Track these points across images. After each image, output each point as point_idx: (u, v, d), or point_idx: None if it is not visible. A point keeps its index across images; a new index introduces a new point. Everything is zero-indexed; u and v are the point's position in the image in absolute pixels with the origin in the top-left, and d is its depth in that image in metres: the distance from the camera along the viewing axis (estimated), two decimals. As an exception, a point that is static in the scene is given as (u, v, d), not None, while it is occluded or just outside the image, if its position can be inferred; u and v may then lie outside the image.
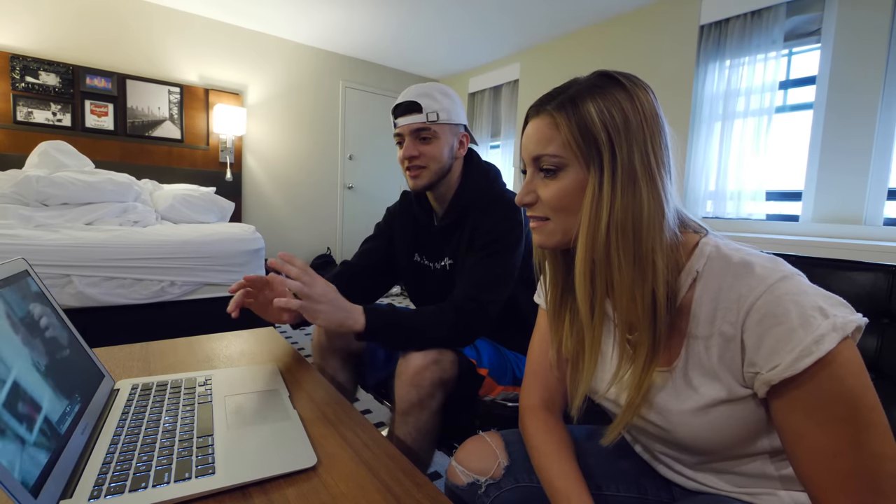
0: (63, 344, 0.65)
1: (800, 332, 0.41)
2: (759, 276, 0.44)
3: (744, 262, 0.46)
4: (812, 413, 0.41)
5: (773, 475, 0.51)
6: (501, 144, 4.33)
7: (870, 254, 1.90)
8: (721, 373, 0.48)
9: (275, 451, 0.59)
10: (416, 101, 0.96)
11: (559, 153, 0.52)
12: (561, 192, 0.53)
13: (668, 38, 2.99)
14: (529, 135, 0.56)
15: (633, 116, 0.49)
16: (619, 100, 0.49)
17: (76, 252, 1.90)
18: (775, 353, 0.42)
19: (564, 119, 0.51)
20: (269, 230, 4.03)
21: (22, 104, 2.98)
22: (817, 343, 0.40)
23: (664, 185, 0.49)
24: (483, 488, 0.63)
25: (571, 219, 0.53)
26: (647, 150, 0.49)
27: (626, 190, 0.48)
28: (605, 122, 0.49)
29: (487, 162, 1.11)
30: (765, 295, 0.43)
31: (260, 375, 0.83)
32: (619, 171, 0.49)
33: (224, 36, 3.72)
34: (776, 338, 0.42)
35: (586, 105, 0.50)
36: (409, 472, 0.58)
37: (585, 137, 0.50)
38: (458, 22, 3.53)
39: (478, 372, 0.95)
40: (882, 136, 2.20)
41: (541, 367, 0.68)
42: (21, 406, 0.49)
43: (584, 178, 0.51)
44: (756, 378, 0.44)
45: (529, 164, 0.56)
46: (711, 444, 0.51)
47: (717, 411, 0.49)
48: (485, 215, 0.99)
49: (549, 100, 0.54)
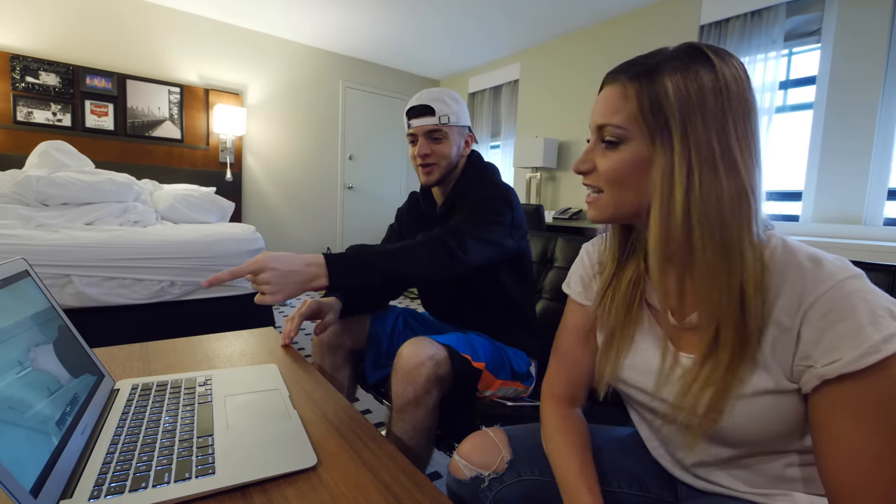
0: (63, 344, 0.65)
1: (868, 328, 0.40)
2: (828, 272, 0.44)
3: (812, 257, 0.46)
4: (860, 412, 0.41)
5: (793, 476, 0.51)
6: (501, 144, 4.33)
7: (870, 254, 1.90)
8: (771, 364, 0.47)
9: (275, 451, 0.59)
10: (429, 105, 1.06)
11: (624, 125, 0.50)
12: (618, 164, 0.51)
13: (668, 38, 2.99)
14: (600, 102, 0.53)
15: (713, 95, 0.46)
16: (700, 76, 0.46)
17: (76, 252, 1.90)
18: (836, 349, 0.42)
19: (636, 90, 0.49)
20: (269, 230, 4.03)
21: (22, 104, 2.98)
22: (886, 342, 0.40)
23: (751, 172, 0.46)
24: (486, 482, 0.63)
25: (626, 194, 0.52)
26: (729, 132, 0.46)
27: (705, 174, 0.46)
28: (681, 97, 0.46)
29: (488, 161, 1.18)
30: (832, 290, 0.42)
31: (260, 375, 0.83)
32: (693, 151, 0.46)
33: (224, 36, 3.73)
34: (840, 333, 0.41)
35: (663, 78, 0.47)
36: (409, 472, 0.58)
37: (655, 112, 0.47)
38: (458, 22, 3.53)
39: (473, 366, 0.95)
40: (882, 136, 2.20)
41: (568, 360, 0.68)
42: (21, 406, 0.49)
43: (646, 153, 0.49)
44: (807, 372, 0.44)
45: (594, 131, 0.54)
46: (747, 435, 0.50)
47: (761, 401, 0.48)
48: (477, 191, 1.07)
49: (627, 68, 0.51)
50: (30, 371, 0.53)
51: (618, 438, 0.70)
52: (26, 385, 0.51)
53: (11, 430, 0.45)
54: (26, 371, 0.52)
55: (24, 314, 0.58)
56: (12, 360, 0.51)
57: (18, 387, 0.50)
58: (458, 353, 0.94)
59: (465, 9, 3.28)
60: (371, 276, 0.84)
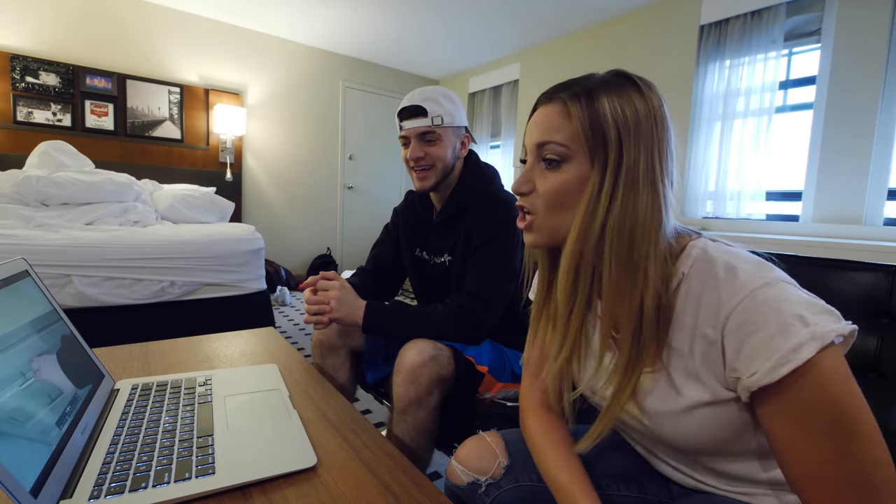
0: (63, 344, 0.65)
1: (778, 339, 0.40)
2: (741, 282, 0.44)
3: (728, 266, 0.46)
4: (795, 421, 0.41)
5: (763, 478, 0.51)
6: (501, 144, 4.33)
7: (870, 254, 1.90)
8: (704, 375, 0.48)
9: (275, 451, 0.59)
10: (421, 106, 1.00)
11: (567, 143, 0.50)
12: (560, 185, 0.51)
13: (668, 38, 3.00)
14: (537, 121, 0.54)
15: (645, 120, 0.48)
16: (633, 100, 0.48)
17: (76, 252, 1.90)
18: (753, 360, 0.42)
19: (578, 109, 0.50)
20: (269, 230, 4.03)
21: (22, 104, 2.98)
22: (795, 351, 0.39)
23: (665, 193, 0.49)
24: (483, 488, 0.63)
25: (562, 216, 0.52)
26: (654, 155, 0.48)
27: (627, 193, 0.48)
28: (618, 120, 0.48)
29: (486, 163, 1.14)
30: (745, 301, 0.43)
31: (260, 375, 0.83)
32: (622, 172, 0.48)
33: (224, 36, 3.73)
34: (754, 345, 0.42)
35: (601, 99, 0.49)
36: (409, 472, 0.58)
37: (595, 132, 0.49)
38: (458, 22, 3.53)
39: (477, 369, 0.95)
40: (882, 136, 2.20)
41: (539, 367, 0.68)
42: (21, 406, 0.49)
43: (585, 173, 0.50)
44: (738, 383, 0.44)
45: (532, 151, 0.54)
46: (696, 444, 0.51)
47: (701, 413, 0.48)
48: (479, 215, 1.02)
49: (564, 89, 0.52)
50: (33, 382, 0.53)
51: (608, 437, 0.70)
52: (27, 394, 0.51)
53: (12, 431, 0.45)
54: (26, 372, 0.52)
55: (24, 314, 0.58)
56: (12, 361, 0.51)
57: (21, 398, 0.50)
58: (461, 353, 0.94)
59: (466, 8, 3.28)
60: (399, 331, 0.96)
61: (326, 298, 0.94)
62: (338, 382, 1.09)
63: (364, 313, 0.95)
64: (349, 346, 1.10)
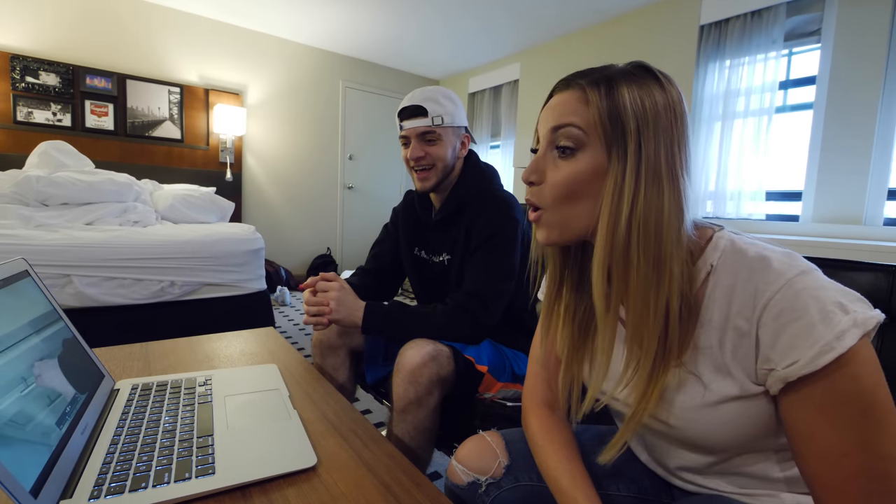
0: (63, 344, 0.65)
1: (820, 327, 0.39)
2: (776, 271, 0.43)
3: (760, 256, 0.45)
4: (825, 411, 0.41)
5: (777, 476, 0.51)
6: (501, 144, 4.33)
7: (870, 254, 1.90)
8: (734, 368, 0.47)
9: (275, 451, 0.59)
10: (421, 106, 1.01)
11: (584, 127, 0.49)
12: (572, 175, 0.49)
13: (668, 38, 3.00)
14: (553, 106, 0.52)
15: (665, 113, 0.47)
16: (654, 93, 0.47)
17: (76, 252, 1.90)
18: (793, 349, 0.41)
19: (597, 97, 0.48)
20: (269, 230, 4.03)
21: (22, 104, 2.98)
22: (839, 339, 0.39)
23: (684, 186, 0.48)
24: (483, 487, 0.63)
25: (572, 209, 0.51)
26: (673, 148, 0.47)
27: (650, 185, 0.46)
28: (637, 110, 0.47)
29: (486, 163, 1.14)
30: (783, 290, 0.42)
31: (260, 375, 0.83)
32: (643, 164, 0.46)
33: (224, 36, 3.73)
34: (795, 333, 0.41)
35: (621, 89, 0.48)
36: (409, 472, 0.58)
37: (614, 121, 0.47)
38: (458, 22, 3.53)
39: (477, 369, 0.95)
40: (882, 136, 2.20)
41: (544, 366, 0.67)
42: (21, 406, 0.49)
43: (601, 164, 0.48)
44: (770, 375, 0.43)
45: (545, 137, 0.52)
46: (720, 442, 0.50)
47: (728, 408, 0.48)
48: (479, 215, 1.02)
49: (583, 76, 0.51)
50: (29, 372, 0.53)
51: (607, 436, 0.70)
52: (28, 397, 0.51)
53: (12, 431, 0.45)
54: (26, 372, 0.52)
55: (24, 315, 0.58)
56: (12, 361, 0.51)
57: (22, 401, 0.50)
58: (461, 353, 0.94)
59: (466, 8, 3.28)
60: (399, 332, 0.96)
61: (326, 300, 0.95)
62: (338, 382, 1.09)
63: (363, 314, 0.95)
64: (349, 346, 1.10)
